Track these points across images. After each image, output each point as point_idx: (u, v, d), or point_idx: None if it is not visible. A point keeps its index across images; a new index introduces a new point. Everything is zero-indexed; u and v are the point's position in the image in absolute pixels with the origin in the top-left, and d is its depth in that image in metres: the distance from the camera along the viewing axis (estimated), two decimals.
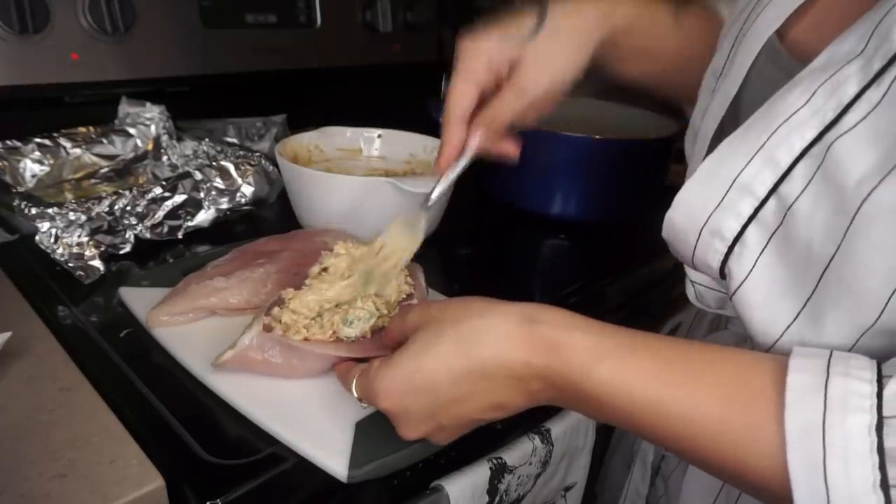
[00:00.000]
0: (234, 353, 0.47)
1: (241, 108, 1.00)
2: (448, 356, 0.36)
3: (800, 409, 0.28)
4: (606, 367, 0.34)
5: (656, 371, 0.33)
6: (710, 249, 0.38)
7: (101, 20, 0.82)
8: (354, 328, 0.47)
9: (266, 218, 0.80)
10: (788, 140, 0.34)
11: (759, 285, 0.36)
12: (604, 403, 0.34)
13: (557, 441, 0.54)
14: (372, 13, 1.14)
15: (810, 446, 0.27)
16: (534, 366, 0.35)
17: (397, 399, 0.38)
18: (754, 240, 0.36)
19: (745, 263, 0.36)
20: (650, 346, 0.34)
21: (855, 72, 0.32)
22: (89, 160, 0.82)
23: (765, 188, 0.35)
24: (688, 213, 0.39)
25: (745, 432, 0.30)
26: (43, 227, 0.61)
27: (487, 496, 0.49)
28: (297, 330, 0.47)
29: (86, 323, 0.56)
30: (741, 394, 0.31)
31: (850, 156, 0.31)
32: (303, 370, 0.48)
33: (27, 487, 0.37)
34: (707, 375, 0.32)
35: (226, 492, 0.39)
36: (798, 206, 0.34)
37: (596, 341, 0.35)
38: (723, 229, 0.37)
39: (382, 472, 0.42)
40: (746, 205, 0.36)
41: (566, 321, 0.36)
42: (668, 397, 0.32)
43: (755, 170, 0.35)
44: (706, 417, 0.31)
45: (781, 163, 0.34)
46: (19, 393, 0.45)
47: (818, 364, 0.29)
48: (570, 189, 0.83)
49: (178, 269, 0.62)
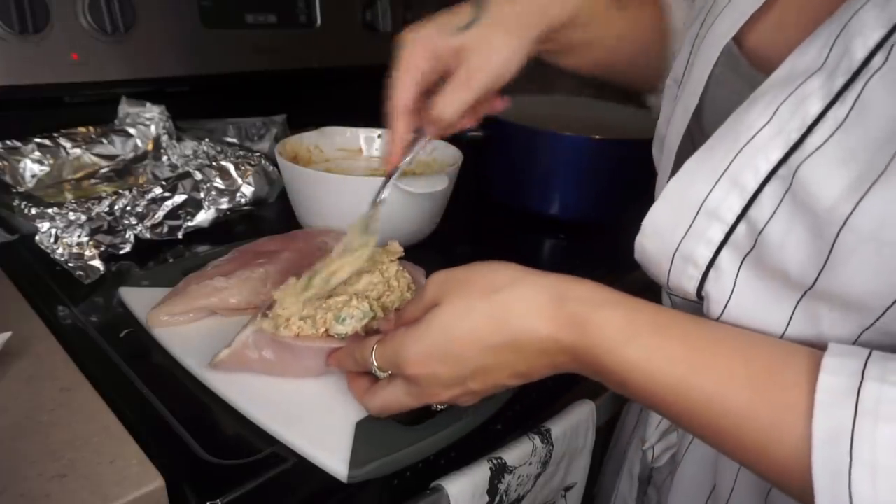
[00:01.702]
0: (229, 353, 0.47)
1: (241, 108, 1.00)
2: (480, 329, 0.37)
3: (829, 413, 0.27)
4: (633, 348, 0.33)
5: (683, 355, 0.32)
6: (685, 276, 0.37)
7: (101, 20, 0.82)
8: (346, 326, 0.47)
9: (266, 218, 0.80)
10: (753, 162, 0.33)
11: (743, 303, 0.35)
12: (628, 382, 0.34)
13: (557, 441, 0.54)
14: (372, 13, 1.14)
15: (837, 453, 0.26)
16: (561, 342, 0.35)
17: (426, 366, 0.38)
18: (728, 263, 0.35)
19: (725, 285, 0.36)
20: (680, 327, 0.34)
21: (817, 88, 0.31)
22: (89, 160, 0.82)
23: (733, 214, 0.34)
24: (658, 239, 0.38)
25: (771, 427, 0.29)
26: (43, 227, 0.61)
27: (487, 496, 0.49)
28: (288, 327, 0.47)
29: (86, 323, 0.56)
30: (770, 387, 0.30)
31: (819, 179, 0.30)
32: (299, 368, 0.48)
33: (27, 487, 0.37)
34: (736, 364, 0.31)
35: (226, 492, 0.39)
36: (769, 231, 0.33)
37: (625, 320, 0.34)
38: (695, 256, 0.36)
39: (383, 472, 0.42)
40: (716, 230, 0.35)
41: (596, 297, 0.36)
42: (695, 383, 0.31)
43: (722, 194, 0.35)
44: (731, 407, 0.30)
45: (748, 186, 0.34)
46: (19, 393, 0.45)
47: (854, 365, 0.28)
48: (569, 189, 0.83)
49: (178, 269, 0.62)
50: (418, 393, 0.40)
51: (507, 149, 0.85)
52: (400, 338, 0.40)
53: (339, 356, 0.47)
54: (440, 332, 0.38)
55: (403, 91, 0.48)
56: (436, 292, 0.39)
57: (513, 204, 0.88)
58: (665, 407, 0.33)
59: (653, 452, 0.54)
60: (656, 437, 0.53)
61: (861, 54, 0.30)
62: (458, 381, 0.39)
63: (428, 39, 0.48)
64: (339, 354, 0.47)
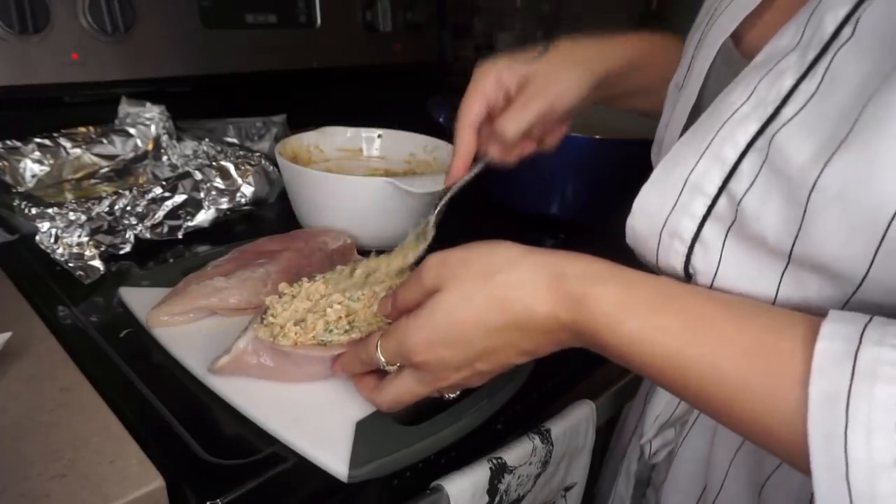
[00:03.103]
0: (229, 359, 0.47)
1: (241, 108, 1.00)
2: (481, 312, 0.37)
3: (825, 377, 0.27)
4: (631, 324, 0.33)
5: (680, 327, 0.32)
6: (671, 251, 0.38)
7: (101, 20, 0.82)
8: (334, 335, 0.47)
9: (266, 218, 0.80)
10: (733, 136, 0.35)
11: (730, 275, 0.36)
12: (627, 356, 0.34)
13: (557, 441, 0.54)
14: (372, 13, 1.14)
15: (832, 415, 0.26)
16: (561, 319, 0.36)
17: (433, 352, 0.39)
18: (712, 237, 0.36)
19: (711, 259, 0.37)
20: (678, 299, 0.34)
21: (792, 63, 0.33)
22: (89, 160, 0.82)
23: (714, 186, 0.36)
24: (646, 218, 0.40)
25: (767, 397, 0.29)
26: (43, 227, 0.61)
27: (487, 496, 0.49)
28: (286, 334, 0.47)
29: (86, 323, 0.56)
30: (766, 355, 0.30)
31: (792, 146, 0.32)
32: (299, 375, 0.48)
33: (27, 487, 0.37)
34: (733, 335, 0.31)
35: (226, 492, 0.39)
36: (747, 200, 0.34)
37: (622, 295, 0.34)
38: (680, 230, 0.38)
39: (383, 472, 0.42)
40: (699, 204, 0.36)
41: (593, 272, 0.36)
42: (691, 354, 0.32)
43: (704, 168, 0.36)
44: (728, 378, 0.30)
45: (728, 159, 0.35)
46: (19, 393, 0.45)
47: (852, 331, 0.27)
48: (570, 189, 0.83)
49: (178, 269, 0.62)
50: (428, 379, 0.41)
51: None
52: (403, 328, 0.40)
53: (344, 361, 0.46)
54: (443, 317, 0.38)
55: (470, 110, 0.54)
56: (435, 276, 0.40)
57: (513, 204, 0.88)
58: (665, 380, 0.33)
59: (650, 447, 0.54)
60: (654, 431, 0.53)
61: (831, 28, 0.32)
62: (466, 363, 0.39)
63: (498, 68, 0.54)
64: (343, 359, 0.46)
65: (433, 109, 0.87)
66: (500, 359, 0.39)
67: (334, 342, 0.47)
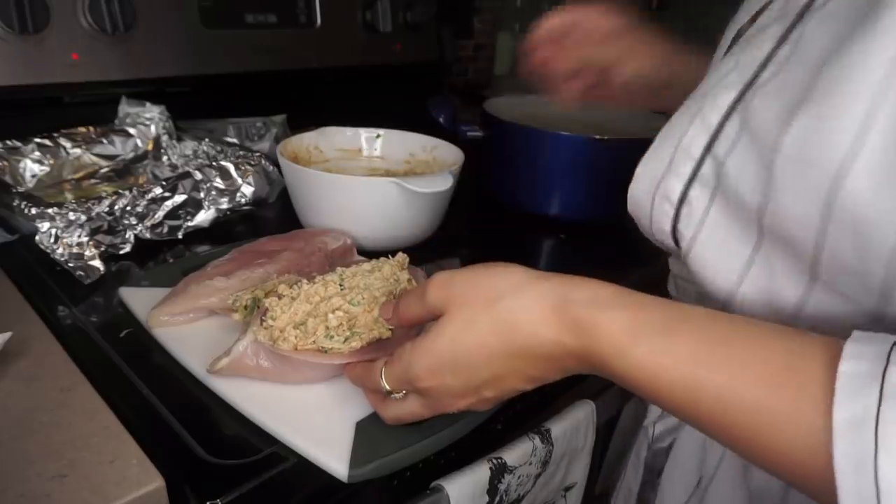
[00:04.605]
0: (228, 361, 0.47)
1: (241, 108, 1.00)
2: (486, 339, 0.36)
3: (851, 400, 0.25)
4: (640, 350, 0.32)
5: (692, 352, 0.31)
6: (662, 213, 0.40)
7: (101, 20, 0.82)
8: (334, 342, 0.47)
9: (266, 218, 0.80)
10: (718, 100, 0.37)
11: (708, 242, 0.38)
12: (637, 383, 0.33)
13: (557, 441, 0.54)
14: (372, 13, 1.14)
15: (860, 440, 0.24)
16: (567, 346, 0.35)
17: (437, 379, 0.38)
18: (698, 199, 0.38)
19: (693, 223, 0.39)
20: (690, 323, 0.32)
21: (774, 31, 0.36)
22: (89, 160, 0.82)
23: (699, 149, 0.38)
24: (643, 183, 0.42)
25: (788, 423, 0.27)
26: (43, 227, 0.61)
27: (487, 496, 0.49)
28: (286, 338, 0.47)
29: (86, 323, 0.56)
30: (786, 380, 0.28)
31: (763, 110, 0.34)
32: (298, 378, 0.48)
33: (27, 487, 0.37)
34: (749, 358, 0.29)
35: (226, 492, 0.39)
36: (728, 165, 0.36)
37: (630, 321, 0.33)
38: (668, 191, 0.40)
39: (383, 472, 0.42)
40: (686, 166, 0.39)
41: (600, 298, 0.34)
42: (705, 380, 0.30)
43: (694, 133, 0.39)
44: (745, 403, 0.29)
45: (712, 123, 0.37)
46: (19, 393, 0.45)
47: (878, 350, 0.26)
48: (570, 189, 0.83)
49: (178, 269, 0.62)
50: (432, 405, 0.40)
51: (507, 149, 0.85)
52: (407, 355, 0.39)
53: (356, 375, 0.46)
54: (447, 344, 0.37)
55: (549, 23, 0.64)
56: (438, 297, 0.39)
57: (513, 204, 0.88)
58: (677, 407, 0.32)
59: (653, 430, 0.54)
60: (657, 414, 0.53)
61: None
62: (472, 390, 0.38)
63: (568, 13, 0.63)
64: (356, 373, 0.46)
65: (433, 109, 0.87)
66: (506, 385, 0.38)
67: (335, 349, 0.46)
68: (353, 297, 0.49)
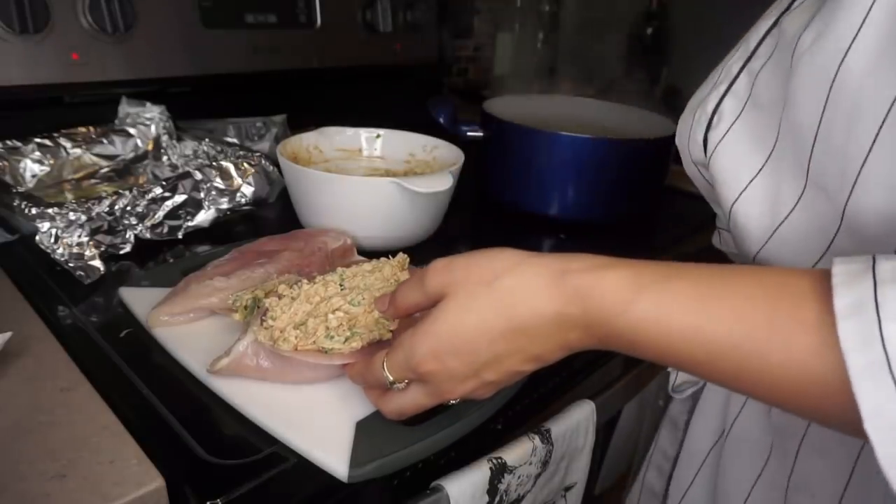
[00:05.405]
0: (228, 361, 0.47)
1: (241, 108, 1.00)
2: (486, 319, 0.37)
3: (848, 289, 0.27)
4: (641, 304, 0.33)
5: (692, 302, 0.31)
6: (698, 125, 0.47)
7: (101, 20, 0.82)
8: (335, 343, 0.47)
9: (266, 218, 0.80)
10: (757, 29, 0.46)
11: (728, 150, 0.44)
12: (640, 340, 0.33)
13: (557, 441, 0.54)
14: (372, 13, 1.14)
15: (863, 318, 0.26)
16: (569, 315, 0.35)
17: (439, 362, 0.38)
18: (729, 110, 0.45)
19: (720, 131, 0.45)
20: (685, 276, 0.33)
21: None
22: (89, 160, 0.82)
23: (738, 66, 0.46)
24: (692, 104, 0.49)
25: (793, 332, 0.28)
26: (43, 227, 0.61)
27: (487, 496, 0.49)
28: (286, 339, 0.47)
29: (86, 323, 0.56)
30: (786, 296, 0.29)
31: (792, 25, 0.41)
32: (298, 378, 0.48)
33: (27, 487, 0.37)
34: (749, 287, 0.31)
35: (226, 492, 0.39)
36: (760, 78, 0.43)
37: (629, 278, 0.34)
38: (706, 103, 0.47)
39: (383, 472, 0.42)
40: (724, 82, 0.46)
41: (598, 263, 0.35)
42: (707, 327, 0.31)
43: (737, 55, 0.46)
44: (751, 327, 0.29)
45: (751, 45, 0.45)
46: (19, 393, 0.45)
47: (863, 259, 0.28)
48: (570, 189, 0.83)
49: (178, 269, 0.62)
50: (434, 391, 0.40)
51: (507, 149, 0.85)
52: (408, 340, 0.39)
53: (353, 375, 0.46)
54: (448, 326, 0.38)
55: None
56: (438, 282, 0.39)
57: (513, 204, 0.88)
58: (681, 359, 0.32)
59: (675, 377, 0.56)
60: None
61: None
62: (473, 373, 0.39)
63: None
64: (357, 370, 0.46)
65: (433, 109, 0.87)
66: (508, 366, 0.38)
67: (335, 349, 0.46)
68: (353, 298, 0.49)
